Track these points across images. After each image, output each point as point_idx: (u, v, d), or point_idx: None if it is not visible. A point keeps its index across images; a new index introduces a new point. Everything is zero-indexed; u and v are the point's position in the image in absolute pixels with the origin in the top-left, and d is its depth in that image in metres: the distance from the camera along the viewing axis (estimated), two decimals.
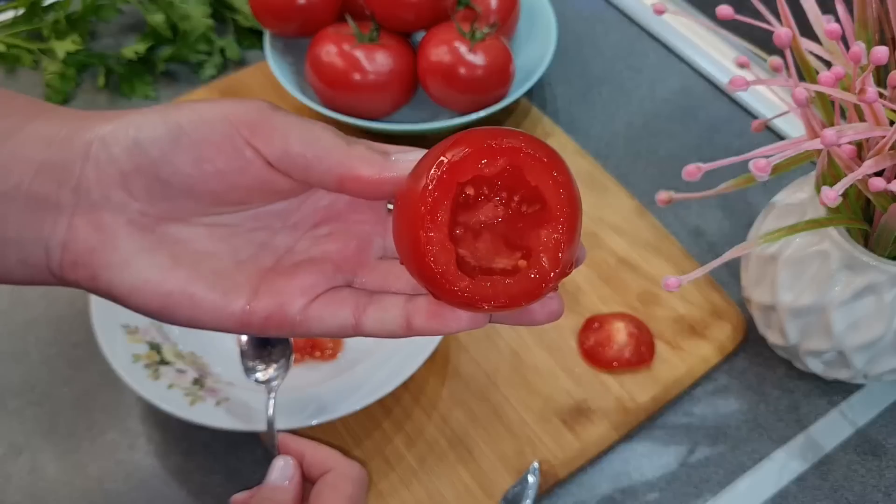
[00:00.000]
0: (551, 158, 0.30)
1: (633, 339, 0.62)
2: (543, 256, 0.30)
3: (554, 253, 0.30)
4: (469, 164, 0.30)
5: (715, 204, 0.73)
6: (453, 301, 0.30)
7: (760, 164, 0.43)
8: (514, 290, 0.30)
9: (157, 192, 0.32)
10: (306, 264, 0.35)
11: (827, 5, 0.51)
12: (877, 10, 0.49)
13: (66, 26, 0.83)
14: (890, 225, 0.49)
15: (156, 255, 0.33)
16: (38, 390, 0.62)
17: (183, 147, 0.32)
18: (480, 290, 0.30)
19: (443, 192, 0.30)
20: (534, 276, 0.30)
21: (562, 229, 0.31)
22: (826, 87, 0.45)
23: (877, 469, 0.59)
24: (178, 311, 0.33)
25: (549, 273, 0.30)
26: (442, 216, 0.30)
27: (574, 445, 0.58)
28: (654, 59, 0.86)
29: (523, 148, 0.30)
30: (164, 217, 0.33)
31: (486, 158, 0.30)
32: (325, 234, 0.36)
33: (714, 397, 0.62)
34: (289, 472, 0.46)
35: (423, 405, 0.60)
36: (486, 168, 0.30)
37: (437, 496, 0.57)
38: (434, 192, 0.30)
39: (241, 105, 0.33)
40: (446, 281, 0.30)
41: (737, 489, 0.58)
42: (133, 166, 0.32)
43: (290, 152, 0.32)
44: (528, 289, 0.30)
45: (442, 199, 0.30)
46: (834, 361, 0.57)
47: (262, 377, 0.54)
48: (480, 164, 0.30)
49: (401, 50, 0.72)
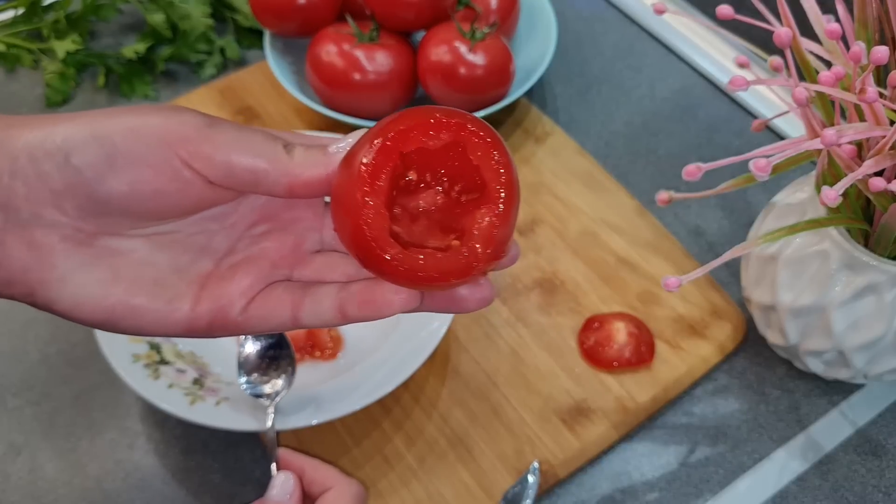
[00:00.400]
0: (493, 139, 0.31)
1: (633, 339, 0.62)
2: (477, 235, 0.31)
3: (488, 232, 0.31)
4: (412, 135, 0.30)
5: (715, 203, 0.73)
6: (384, 271, 0.30)
7: (760, 163, 0.43)
8: (445, 265, 0.30)
9: (91, 210, 0.31)
10: (244, 264, 0.35)
11: (827, 5, 0.51)
12: (877, 9, 0.49)
13: (65, 26, 0.83)
14: (890, 225, 0.49)
15: (95, 269, 0.32)
16: (37, 389, 0.62)
17: (118, 169, 0.31)
18: (411, 262, 0.30)
19: (384, 159, 0.30)
20: (466, 253, 0.31)
21: (498, 211, 0.31)
22: (826, 86, 0.45)
23: (877, 469, 0.59)
24: (122, 322, 0.33)
25: (481, 251, 0.31)
26: (381, 184, 0.30)
27: (574, 445, 0.58)
28: (653, 58, 0.86)
29: (467, 125, 0.30)
30: (99, 231, 0.32)
31: (431, 131, 0.30)
32: (262, 232, 0.36)
33: (714, 397, 0.62)
34: (289, 487, 0.46)
35: (422, 405, 0.60)
36: (430, 140, 0.30)
37: (436, 496, 0.57)
38: (375, 158, 0.30)
39: (176, 122, 0.31)
40: (378, 246, 0.30)
41: (737, 489, 0.58)
42: (65, 185, 0.30)
43: (234, 171, 0.32)
44: (459, 265, 0.30)
45: (382, 167, 0.30)
46: (834, 361, 0.57)
47: (270, 390, 0.54)
48: (423, 137, 0.30)
49: (401, 50, 0.72)
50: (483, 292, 0.33)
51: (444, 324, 0.58)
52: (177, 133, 0.31)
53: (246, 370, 0.56)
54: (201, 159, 0.31)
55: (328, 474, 0.47)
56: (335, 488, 0.46)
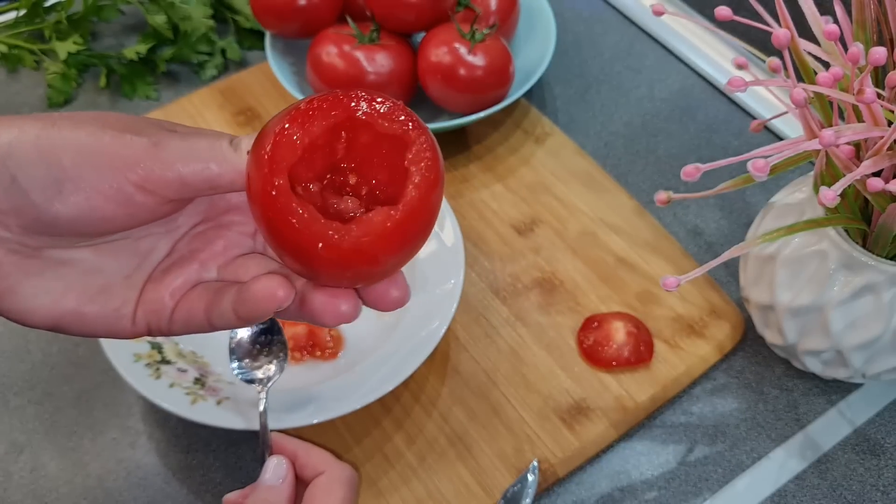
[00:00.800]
0: (418, 124, 0.31)
1: (632, 339, 0.62)
2: (386, 211, 0.30)
3: (394, 208, 0.30)
4: (314, 115, 0.30)
5: (713, 204, 0.74)
6: (285, 235, 0.30)
7: (759, 164, 0.43)
8: (357, 233, 0.29)
9: (36, 229, 0.31)
10: (176, 266, 0.35)
11: (825, 6, 0.51)
12: (875, 10, 0.49)
13: (67, 27, 0.83)
14: (888, 225, 0.49)
15: (42, 279, 0.32)
16: (39, 389, 0.62)
17: (67, 195, 0.30)
18: (314, 225, 0.29)
19: (284, 139, 0.30)
20: (376, 220, 0.30)
21: (415, 181, 0.30)
22: (824, 87, 0.45)
23: (875, 468, 0.59)
24: (72, 328, 0.33)
25: (385, 222, 0.30)
26: (281, 163, 0.29)
27: (573, 444, 0.59)
28: (652, 59, 0.86)
29: (385, 109, 0.30)
30: (45, 246, 0.32)
31: (348, 108, 0.30)
32: (200, 232, 0.36)
33: (713, 396, 0.62)
34: (282, 471, 0.46)
35: (422, 403, 0.61)
36: (347, 116, 0.30)
37: (436, 494, 0.57)
38: (276, 139, 0.30)
39: (124, 143, 0.31)
40: (282, 203, 0.29)
41: (735, 488, 0.58)
42: (11, 206, 0.30)
43: (187, 182, 0.32)
44: (365, 235, 0.30)
45: (285, 146, 0.30)
46: (832, 361, 0.57)
47: (262, 375, 0.54)
48: (336, 112, 0.30)
49: (401, 51, 0.73)
50: (396, 293, 0.33)
51: (443, 323, 0.58)
52: (126, 158, 0.31)
53: (238, 356, 0.55)
54: (153, 181, 0.31)
55: (321, 458, 0.47)
56: (328, 472, 0.46)
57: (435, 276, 0.62)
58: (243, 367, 0.55)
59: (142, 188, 0.31)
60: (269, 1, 0.74)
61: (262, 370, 0.55)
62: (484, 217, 0.72)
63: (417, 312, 0.60)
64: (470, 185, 0.74)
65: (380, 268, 0.32)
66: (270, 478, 0.46)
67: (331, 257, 0.30)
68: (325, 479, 0.46)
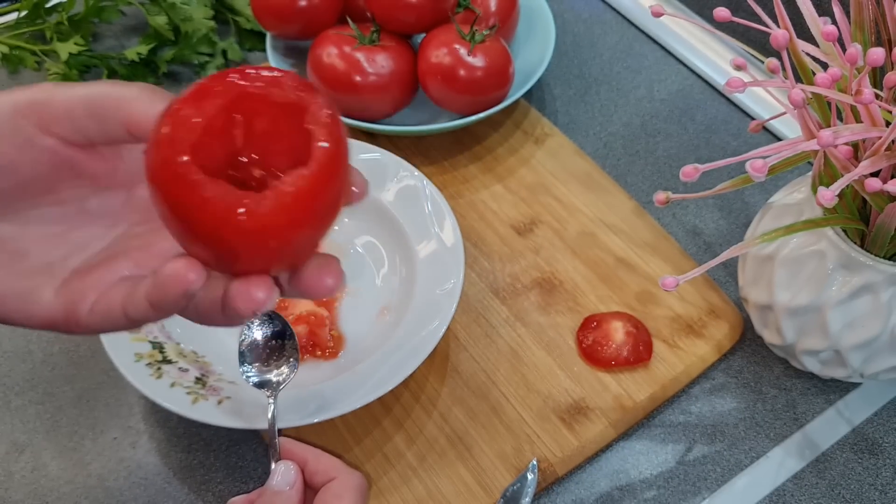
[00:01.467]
0: (310, 87, 0.30)
1: (631, 339, 0.63)
2: (298, 171, 0.29)
3: (305, 168, 0.29)
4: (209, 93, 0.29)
5: (712, 204, 0.74)
6: (194, 215, 0.28)
7: (757, 164, 0.43)
8: (272, 197, 0.28)
9: None
10: (106, 262, 0.34)
11: (823, 7, 0.52)
12: (873, 11, 0.50)
13: (68, 28, 0.84)
14: (886, 225, 0.49)
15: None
16: (40, 388, 0.62)
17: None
18: (227, 197, 0.28)
19: (200, 110, 0.29)
20: (282, 190, 0.29)
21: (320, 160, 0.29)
22: (823, 88, 0.45)
23: (873, 467, 0.59)
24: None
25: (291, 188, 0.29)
26: (198, 126, 0.29)
27: (572, 443, 0.59)
28: (651, 60, 0.86)
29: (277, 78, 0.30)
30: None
31: (240, 85, 0.30)
32: (138, 232, 0.36)
33: (711, 396, 0.63)
34: (290, 477, 0.46)
35: (422, 403, 0.61)
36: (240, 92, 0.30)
37: (436, 494, 0.57)
38: (187, 106, 0.29)
39: (25, 91, 0.32)
40: (189, 179, 0.28)
41: (734, 487, 0.58)
42: None
43: (96, 110, 0.31)
44: (281, 197, 0.28)
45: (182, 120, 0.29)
46: (830, 360, 0.57)
47: (276, 378, 0.54)
48: (229, 89, 0.29)
49: (401, 52, 0.73)
50: (329, 280, 0.32)
51: (443, 323, 0.59)
52: (27, 99, 0.31)
53: (249, 360, 0.55)
54: (58, 119, 0.31)
55: (331, 465, 0.47)
56: (338, 479, 0.46)
57: (435, 276, 0.62)
58: (254, 371, 0.55)
59: (46, 130, 0.31)
60: (269, 2, 0.74)
61: (274, 373, 0.54)
62: (484, 217, 0.72)
63: (417, 312, 0.60)
64: (470, 185, 0.74)
65: (301, 234, 0.30)
66: (279, 483, 0.46)
67: (249, 228, 0.28)
68: (336, 485, 0.45)
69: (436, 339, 0.58)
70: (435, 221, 0.65)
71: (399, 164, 0.68)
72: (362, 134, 0.75)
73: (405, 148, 0.76)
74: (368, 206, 0.67)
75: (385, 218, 0.66)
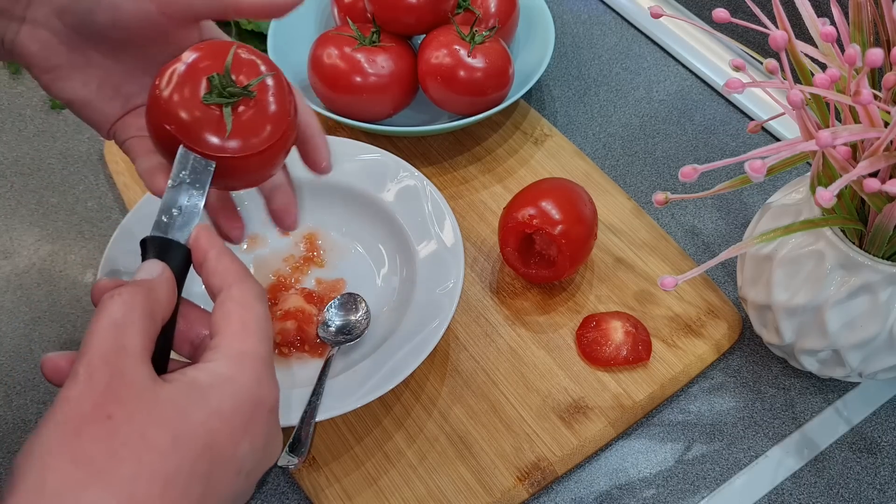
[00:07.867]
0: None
1: (631, 338, 0.63)
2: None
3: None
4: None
5: (711, 204, 0.74)
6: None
7: (756, 165, 0.43)
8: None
9: (81, 28, 0.44)
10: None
11: (822, 8, 0.52)
12: (871, 12, 0.50)
13: None
14: (884, 225, 0.49)
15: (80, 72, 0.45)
16: (41, 388, 0.63)
17: (103, 7, 0.43)
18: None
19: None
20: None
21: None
22: (821, 89, 0.45)
23: (872, 466, 0.59)
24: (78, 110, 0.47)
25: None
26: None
27: (572, 442, 0.59)
28: (650, 61, 0.87)
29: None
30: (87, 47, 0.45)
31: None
32: None
33: (710, 395, 0.63)
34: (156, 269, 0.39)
35: (423, 403, 0.61)
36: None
37: (436, 493, 0.57)
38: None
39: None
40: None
41: (733, 486, 0.59)
42: (67, 3, 0.43)
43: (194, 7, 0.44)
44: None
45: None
46: (829, 360, 0.57)
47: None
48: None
49: (401, 52, 0.73)
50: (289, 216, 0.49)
51: (443, 323, 0.59)
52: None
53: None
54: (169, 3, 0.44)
55: (234, 269, 0.40)
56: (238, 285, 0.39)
57: (435, 276, 0.62)
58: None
59: (161, 11, 0.43)
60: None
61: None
62: (484, 218, 0.72)
63: (417, 312, 0.61)
64: (470, 186, 0.74)
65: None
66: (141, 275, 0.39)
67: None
68: (238, 292, 0.39)
69: (436, 338, 0.58)
70: (435, 222, 0.65)
71: (399, 164, 0.68)
72: (362, 134, 0.75)
73: (405, 148, 0.76)
74: (369, 206, 0.67)
75: (385, 218, 0.67)
